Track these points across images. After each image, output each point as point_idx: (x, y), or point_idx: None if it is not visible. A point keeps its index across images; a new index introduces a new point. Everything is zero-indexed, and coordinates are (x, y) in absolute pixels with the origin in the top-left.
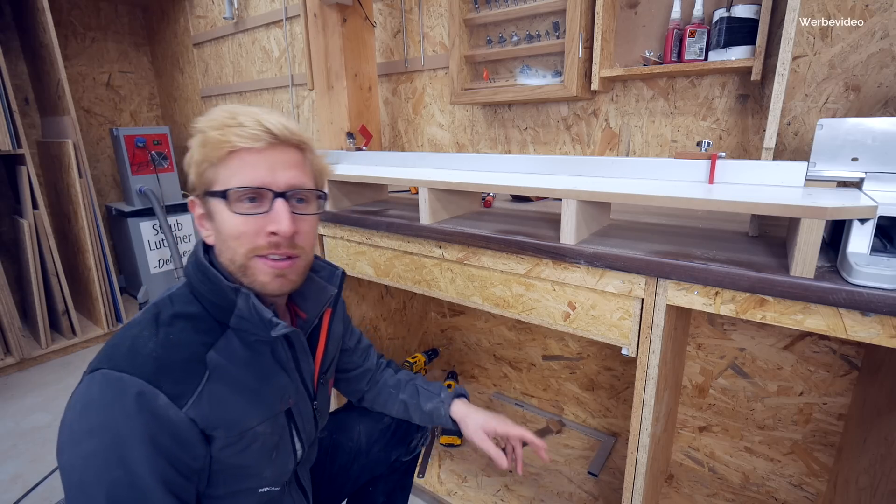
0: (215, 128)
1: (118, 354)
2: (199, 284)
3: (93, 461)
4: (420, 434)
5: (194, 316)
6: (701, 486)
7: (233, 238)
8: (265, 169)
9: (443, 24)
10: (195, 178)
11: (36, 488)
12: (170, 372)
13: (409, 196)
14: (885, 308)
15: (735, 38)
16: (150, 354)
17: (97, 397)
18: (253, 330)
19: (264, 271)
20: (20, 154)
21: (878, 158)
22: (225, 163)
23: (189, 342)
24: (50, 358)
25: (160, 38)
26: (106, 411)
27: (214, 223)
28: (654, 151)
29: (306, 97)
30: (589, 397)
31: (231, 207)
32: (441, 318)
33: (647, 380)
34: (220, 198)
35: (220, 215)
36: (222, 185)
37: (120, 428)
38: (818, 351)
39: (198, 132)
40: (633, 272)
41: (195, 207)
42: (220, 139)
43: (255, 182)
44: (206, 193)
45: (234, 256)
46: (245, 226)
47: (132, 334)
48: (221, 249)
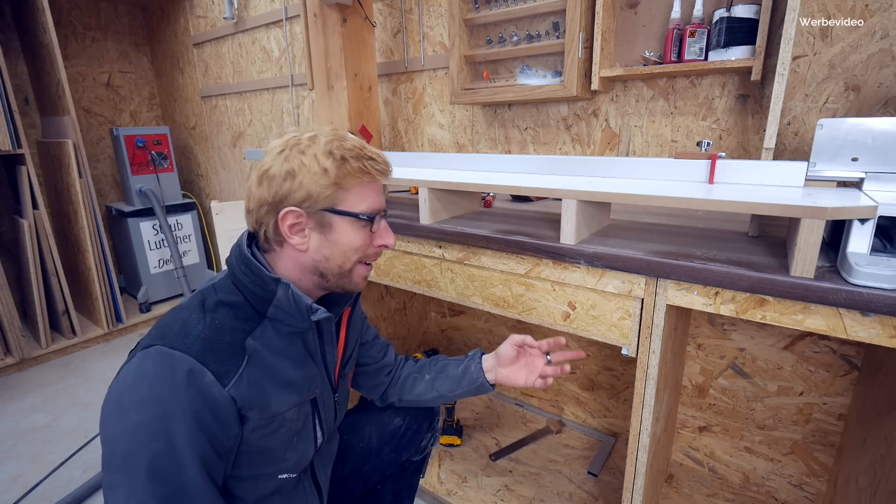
0: (355, 157)
1: (171, 333)
2: (241, 275)
3: (139, 432)
4: (430, 434)
5: (236, 304)
6: (701, 486)
7: (353, 249)
8: (381, 196)
9: (443, 24)
10: (316, 192)
11: (36, 488)
12: (216, 353)
13: (409, 196)
14: (885, 308)
15: (735, 38)
16: (200, 335)
17: (150, 371)
18: (288, 320)
19: (362, 274)
20: (20, 154)
21: (878, 158)
22: (358, 188)
23: (231, 328)
24: (50, 358)
25: (160, 38)
26: (157, 385)
27: (332, 235)
28: (654, 151)
29: (306, 97)
30: (589, 397)
31: (364, 226)
32: (441, 318)
33: (647, 380)
34: (350, 217)
35: (342, 230)
36: (352, 206)
37: (168, 401)
38: (818, 351)
39: (328, 155)
40: (633, 272)
41: (291, 217)
42: (361, 169)
43: (378, 208)
44: (330, 210)
45: (345, 262)
46: (364, 240)
47: (182, 317)
48: (332, 256)
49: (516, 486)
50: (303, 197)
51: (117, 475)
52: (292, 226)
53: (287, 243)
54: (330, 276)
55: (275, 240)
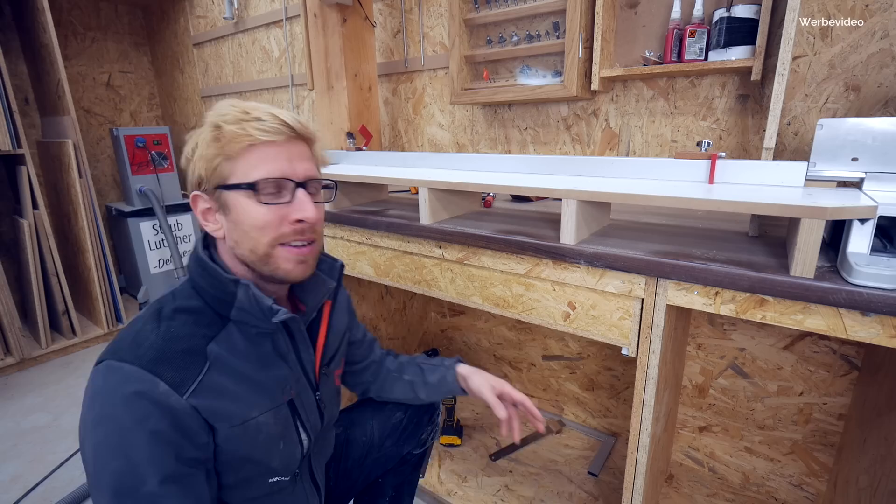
0: (231, 122)
1: (122, 346)
2: (199, 279)
3: (99, 451)
4: (431, 427)
5: (196, 310)
6: (701, 486)
7: (257, 228)
8: (285, 161)
9: (443, 24)
10: (205, 172)
11: (36, 488)
12: (170, 361)
13: (409, 196)
14: (885, 308)
15: (735, 38)
16: (152, 346)
17: (100, 387)
18: (253, 322)
19: (287, 258)
20: (20, 154)
21: (878, 158)
22: (244, 156)
23: (190, 334)
24: (50, 358)
25: (160, 38)
26: (108, 401)
27: (231, 215)
28: (654, 151)
29: (306, 97)
30: (589, 397)
31: (257, 198)
32: (441, 318)
33: (647, 380)
34: (241, 190)
35: (241, 207)
36: (242, 177)
37: (120, 417)
38: (818, 351)
39: (209, 127)
40: (633, 272)
41: (199, 202)
42: (238, 133)
43: (277, 174)
44: (222, 187)
45: (255, 246)
46: (269, 215)
47: (136, 328)
48: (240, 240)
49: (516, 486)
50: (197, 178)
51: (92, 495)
52: (204, 212)
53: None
54: (251, 264)
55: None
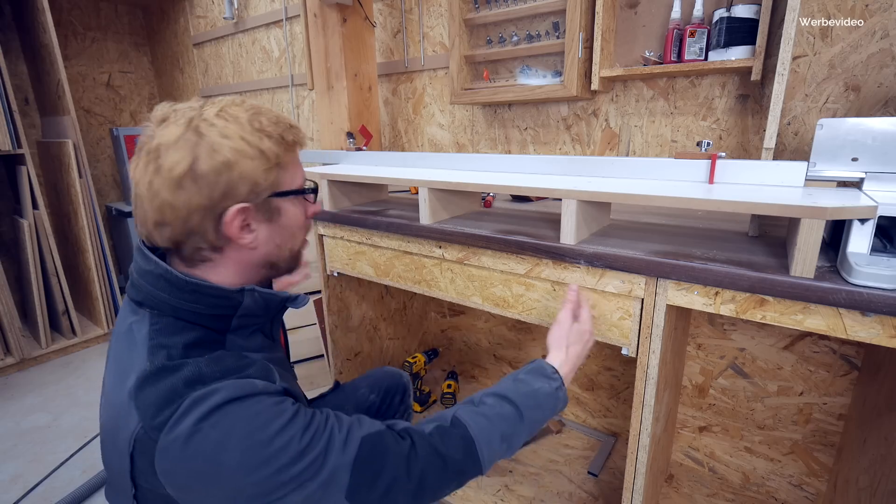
0: (286, 130)
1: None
2: (192, 305)
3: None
4: (403, 407)
5: (199, 340)
6: (701, 486)
7: (300, 227)
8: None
9: (443, 24)
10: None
11: (36, 488)
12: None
13: (409, 196)
14: (885, 308)
15: (735, 38)
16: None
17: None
18: (253, 322)
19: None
20: (20, 154)
21: (878, 158)
22: (292, 163)
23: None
24: (50, 358)
25: (160, 38)
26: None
27: (281, 220)
28: (654, 151)
29: (306, 97)
30: (589, 397)
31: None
32: (441, 318)
33: (647, 380)
34: (295, 195)
35: (289, 211)
36: (291, 183)
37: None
38: (818, 351)
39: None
40: (633, 272)
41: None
42: (294, 141)
43: (304, 175)
44: (277, 194)
45: (294, 245)
46: (304, 214)
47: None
48: (283, 243)
49: (516, 486)
50: (247, 191)
51: None
52: (242, 225)
53: (233, 245)
54: (281, 264)
55: (211, 247)
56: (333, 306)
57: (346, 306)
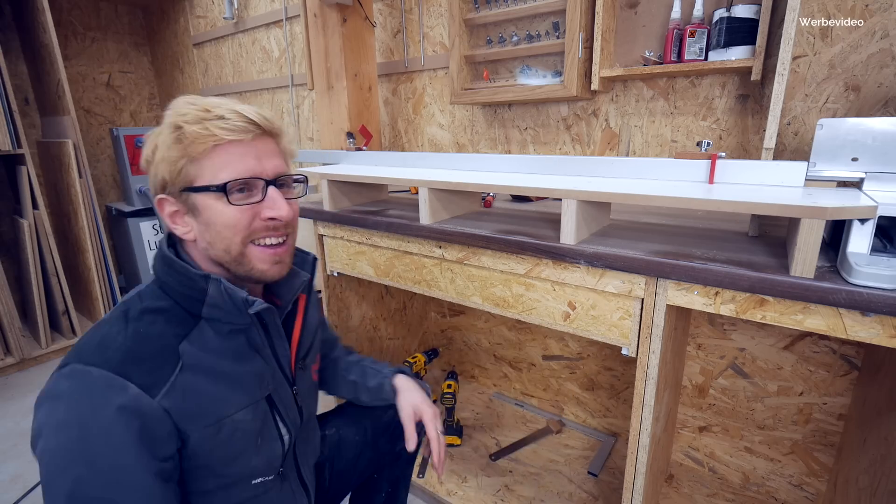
0: (193, 122)
1: (87, 350)
2: (166, 278)
3: (58, 457)
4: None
5: (164, 309)
6: (701, 486)
7: (229, 228)
8: (253, 159)
9: (443, 24)
10: (168, 175)
11: (36, 488)
12: (140, 363)
13: (409, 196)
14: (885, 308)
15: (735, 38)
16: (120, 347)
17: (65, 391)
18: (226, 318)
19: (262, 259)
20: (20, 154)
21: (878, 158)
22: (209, 157)
23: (160, 334)
24: (50, 358)
25: (160, 38)
26: (73, 405)
27: (202, 217)
28: (654, 151)
29: (306, 97)
30: (589, 397)
31: (227, 199)
32: (441, 318)
33: (647, 380)
34: (210, 192)
35: (211, 209)
36: (210, 178)
37: (87, 422)
38: (818, 351)
39: (168, 128)
40: (633, 272)
41: (165, 205)
42: (201, 133)
43: (246, 173)
44: (189, 189)
45: (229, 246)
46: (241, 214)
47: (101, 332)
48: (213, 241)
49: (516, 486)
50: (161, 181)
51: (45, 500)
52: (171, 214)
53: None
54: (226, 265)
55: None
56: (333, 306)
57: (346, 306)
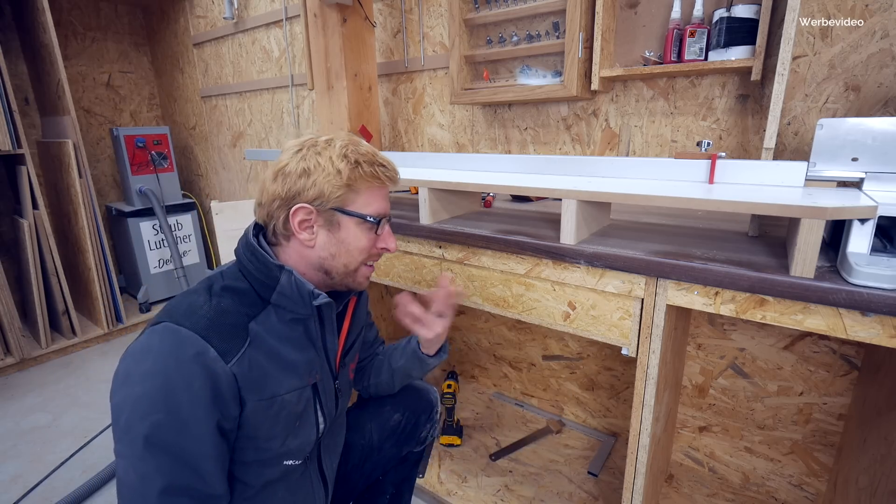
0: (367, 163)
1: (178, 312)
2: (247, 263)
3: (142, 403)
4: (430, 425)
5: (241, 290)
6: (701, 486)
7: (359, 249)
8: (385, 201)
9: (443, 24)
10: (328, 191)
11: (36, 488)
12: (220, 332)
13: (409, 196)
14: (885, 308)
15: (735, 38)
16: (205, 315)
17: (156, 345)
18: (291, 306)
19: (365, 274)
20: (20, 154)
21: (878, 158)
22: (368, 192)
23: (236, 311)
24: (50, 358)
25: (160, 38)
26: (161, 358)
27: (339, 234)
28: (654, 151)
29: (306, 97)
30: (589, 397)
31: (369, 228)
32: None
33: (647, 380)
34: (358, 218)
35: (349, 230)
36: (361, 208)
37: (171, 374)
38: (818, 351)
39: (343, 158)
40: (633, 272)
41: (301, 213)
42: (373, 174)
43: (383, 213)
44: (341, 210)
45: (350, 262)
46: (369, 242)
47: (189, 300)
48: (337, 254)
49: (516, 486)
50: (315, 195)
51: (120, 445)
52: (302, 221)
53: (295, 238)
54: (335, 274)
55: (283, 234)
56: None
57: None
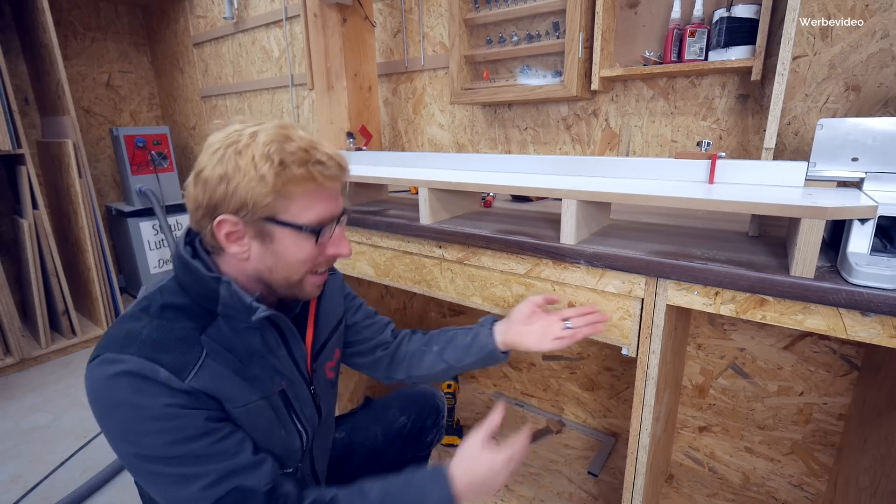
0: (297, 163)
1: (115, 341)
2: (183, 276)
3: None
4: (435, 430)
5: (182, 306)
6: (701, 486)
7: (300, 262)
8: (333, 202)
9: (443, 24)
10: (251, 201)
11: (36, 488)
12: (167, 350)
13: (409, 196)
14: (885, 308)
15: (735, 38)
16: (147, 339)
17: (101, 379)
18: (240, 317)
19: (314, 285)
20: (20, 154)
21: (878, 158)
22: (302, 197)
23: (181, 327)
24: (50, 358)
25: (160, 38)
26: (113, 389)
27: (273, 246)
28: (654, 151)
29: (306, 97)
30: (589, 397)
31: (309, 237)
32: (441, 318)
33: (647, 380)
34: (294, 228)
35: (285, 241)
36: (295, 216)
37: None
38: (818, 351)
39: (269, 160)
40: (633, 272)
41: (226, 225)
42: (304, 176)
43: (327, 215)
44: (271, 220)
45: (291, 275)
46: (311, 252)
47: (125, 325)
48: (275, 268)
49: (516, 486)
50: (238, 205)
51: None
52: (229, 234)
53: (225, 250)
54: (277, 287)
55: (213, 245)
56: None
57: None
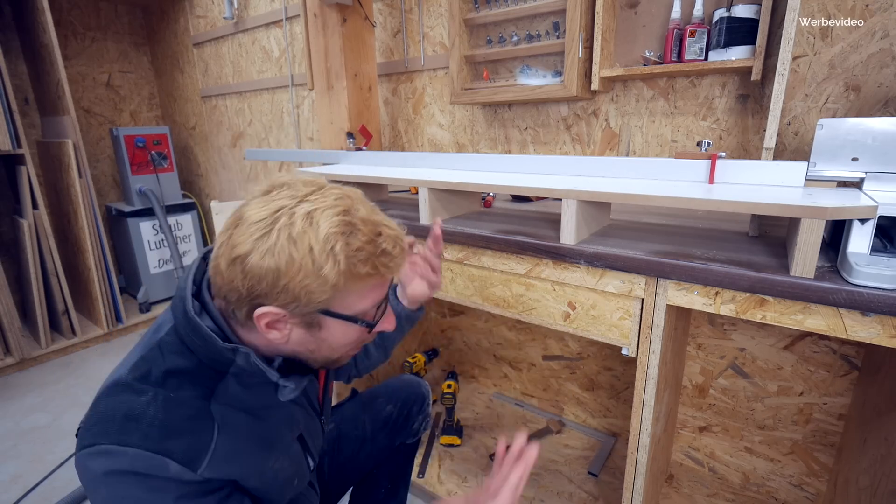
0: (365, 259)
1: (112, 426)
2: (190, 339)
3: None
4: (422, 416)
5: (188, 370)
6: (701, 486)
7: (347, 345)
8: (385, 286)
9: (443, 24)
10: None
11: (36, 488)
12: (179, 436)
13: (409, 196)
14: (885, 308)
15: (735, 38)
16: (153, 420)
17: (100, 475)
18: (256, 380)
19: (351, 355)
20: (20, 154)
21: (878, 158)
22: (360, 289)
23: (190, 399)
24: (50, 358)
25: (160, 38)
26: (117, 483)
27: (321, 334)
28: (654, 151)
29: (306, 97)
30: (589, 397)
31: (370, 330)
32: (441, 318)
33: (647, 380)
34: (343, 318)
35: (334, 329)
36: (349, 307)
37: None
38: (818, 351)
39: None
40: (633, 272)
41: (268, 316)
42: (368, 273)
43: (381, 299)
44: (321, 312)
45: (331, 355)
46: (359, 335)
47: (124, 401)
48: (317, 350)
49: None
50: (287, 300)
51: None
52: (270, 323)
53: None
54: (312, 363)
55: (244, 323)
56: None
57: None
